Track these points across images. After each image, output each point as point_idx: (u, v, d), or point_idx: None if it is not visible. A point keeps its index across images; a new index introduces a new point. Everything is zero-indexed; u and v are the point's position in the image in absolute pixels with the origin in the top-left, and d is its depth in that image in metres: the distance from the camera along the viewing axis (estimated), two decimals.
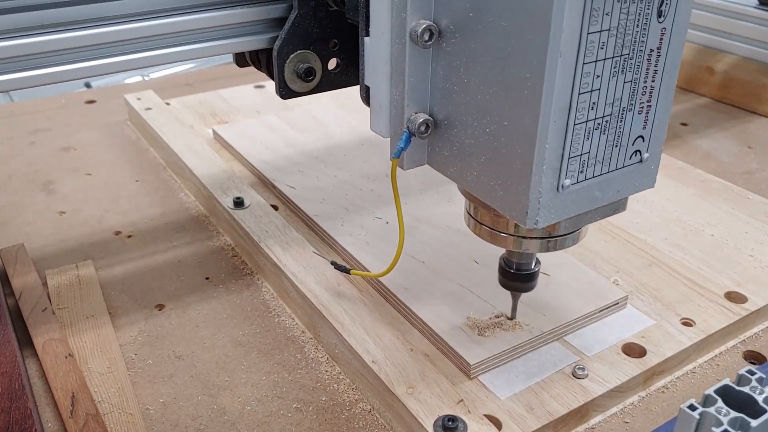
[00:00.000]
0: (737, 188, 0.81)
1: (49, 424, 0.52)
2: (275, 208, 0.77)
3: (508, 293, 0.56)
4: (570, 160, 0.41)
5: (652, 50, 0.41)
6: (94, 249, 0.72)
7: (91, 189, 0.84)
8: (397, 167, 0.47)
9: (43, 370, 0.56)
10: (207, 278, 0.68)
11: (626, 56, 0.40)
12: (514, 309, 0.57)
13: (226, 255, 0.72)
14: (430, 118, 0.46)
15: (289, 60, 0.56)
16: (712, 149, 0.94)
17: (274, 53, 0.56)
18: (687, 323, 0.60)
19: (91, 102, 1.08)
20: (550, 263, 0.64)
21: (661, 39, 0.41)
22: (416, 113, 0.46)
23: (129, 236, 0.75)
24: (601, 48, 0.38)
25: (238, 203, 0.73)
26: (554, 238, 0.49)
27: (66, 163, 0.90)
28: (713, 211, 0.76)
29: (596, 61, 0.39)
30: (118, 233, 0.75)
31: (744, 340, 0.61)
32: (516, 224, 0.48)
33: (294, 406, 0.54)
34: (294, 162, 0.84)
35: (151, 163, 0.90)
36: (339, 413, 0.54)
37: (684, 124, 1.01)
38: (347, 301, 0.59)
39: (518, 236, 0.49)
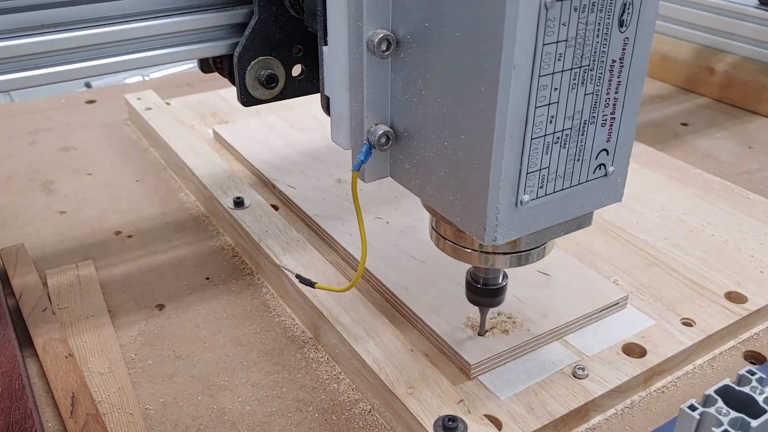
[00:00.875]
0: (737, 188, 0.81)
1: (50, 424, 0.52)
2: (275, 208, 0.77)
3: (507, 293, 0.56)
4: (528, 175, 0.39)
5: (614, 61, 0.39)
6: (94, 249, 0.72)
7: (92, 189, 0.84)
8: (359, 180, 0.46)
9: (43, 370, 0.56)
10: (207, 278, 0.68)
11: (586, 67, 0.38)
12: (482, 325, 0.56)
13: (227, 255, 0.72)
14: (390, 129, 0.45)
15: (250, 66, 0.55)
16: (713, 149, 0.94)
17: (235, 59, 0.55)
18: (687, 323, 0.60)
19: (91, 102, 1.08)
20: (550, 263, 0.64)
21: (623, 49, 0.39)
22: (376, 125, 0.45)
23: (129, 236, 0.75)
24: (559, 59, 0.37)
25: (239, 203, 0.73)
26: (518, 253, 0.47)
27: (66, 162, 0.90)
28: (713, 211, 0.76)
29: (553, 74, 0.37)
30: (118, 233, 0.75)
31: (744, 340, 0.61)
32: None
33: (294, 406, 0.54)
34: (294, 162, 0.84)
35: (151, 163, 0.90)
36: (339, 413, 0.54)
37: (684, 124, 1.01)
38: (347, 302, 0.59)
39: (482, 252, 0.48)
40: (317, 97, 0.57)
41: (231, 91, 1.07)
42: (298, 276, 0.60)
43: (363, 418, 0.53)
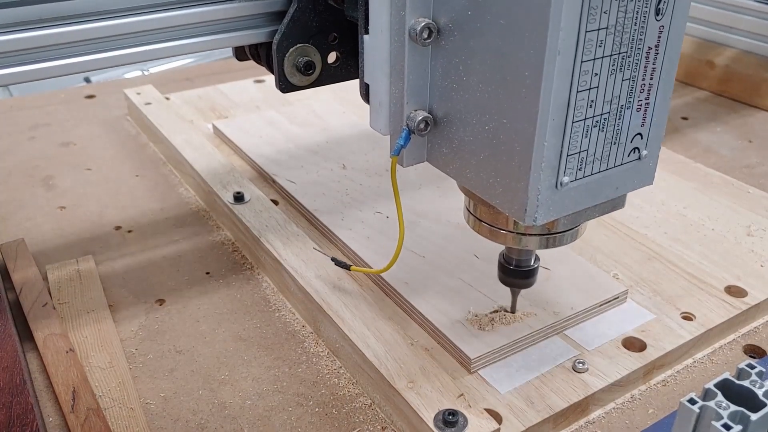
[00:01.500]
0: (737, 182, 0.81)
1: (50, 419, 0.52)
2: (275, 202, 0.77)
3: (508, 288, 0.56)
4: (568, 157, 0.41)
5: (650, 48, 0.41)
6: (94, 244, 0.72)
7: (91, 184, 0.84)
8: (397, 164, 0.47)
9: (44, 365, 0.56)
10: (207, 273, 0.68)
11: (624, 54, 0.40)
12: (513, 304, 0.57)
13: (227, 250, 0.72)
14: (429, 115, 0.46)
15: (288, 54, 0.56)
16: (713, 143, 0.94)
17: (274, 47, 0.56)
18: (687, 317, 0.60)
19: (90, 97, 1.08)
20: (550, 258, 0.64)
21: (659, 37, 0.41)
22: (416, 111, 0.46)
23: (129, 231, 0.75)
24: (599, 46, 0.38)
25: (238, 198, 0.73)
26: (553, 234, 0.49)
27: (66, 158, 0.90)
28: (713, 205, 0.76)
29: (594, 59, 0.39)
30: (118, 228, 0.75)
31: (744, 334, 0.61)
32: (515, 221, 0.48)
33: (295, 400, 0.54)
34: (294, 157, 0.84)
35: (150, 158, 0.90)
36: (339, 407, 0.54)
37: (684, 118, 1.01)
38: (348, 296, 0.59)
39: (517, 233, 0.49)
40: (317, 92, 0.58)
41: (230, 86, 1.07)
42: (333, 259, 0.61)
43: (363, 413, 0.53)
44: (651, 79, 0.42)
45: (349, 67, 0.60)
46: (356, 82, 0.52)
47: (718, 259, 0.67)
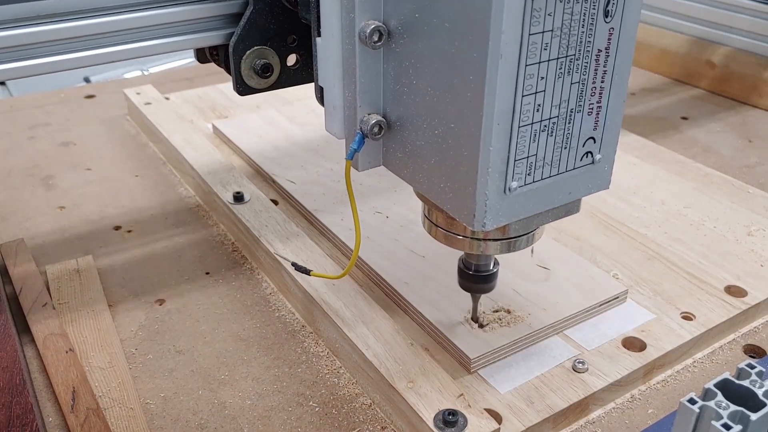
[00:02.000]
0: (737, 182, 0.81)
1: (50, 419, 0.52)
2: (275, 202, 0.77)
3: (507, 287, 0.56)
4: (516, 162, 0.40)
5: (599, 50, 0.40)
6: (93, 243, 0.72)
7: (91, 184, 0.84)
8: (352, 168, 0.47)
9: (43, 365, 0.56)
10: (207, 273, 0.68)
11: (572, 57, 0.39)
12: (474, 310, 0.57)
13: (226, 250, 0.72)
14: (383, 119, 0.46)
15: (245, 56, 0.56)
16: (712, 143, 0.94)
17: (230, 49, 0.56)
18: (687, 317, 0.60)
19: (90, 97, 1.08)
20: (550, 257, 0.64)
21: (609, 39, 0.40)
22: (369, 114, 0.46)
23: (129, 231, 0.75)
24: (545, 49, 0.38)
25: (238, 198, 0.73)
26: (509, 239, 0.48)
27: (65, 157, 0.90)
28: (713, 205, 0.76)
29: (540, 63, 0.38)
30: (117, 228, 0.75)
31: (744, 334, 0.61)
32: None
33: (295, 400, 0.54)
34: (293, 156, 0.84)
35: (150, 157, 0.90)
36: (339, 407, 0.54)
37: (684, 118, 1.01)
38: (347, 296, 0.59)
39: (473, 238, 0.49)
40: None
41: (230, 86, 1.07)
42: (294, 264, 0.60)
43: (363, 413, 0.53)
44: (602, 82, 0.41)
45: (309, 70, 0.59)
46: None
47: (718, 258, 0.67)
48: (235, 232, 0.72)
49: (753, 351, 0.60)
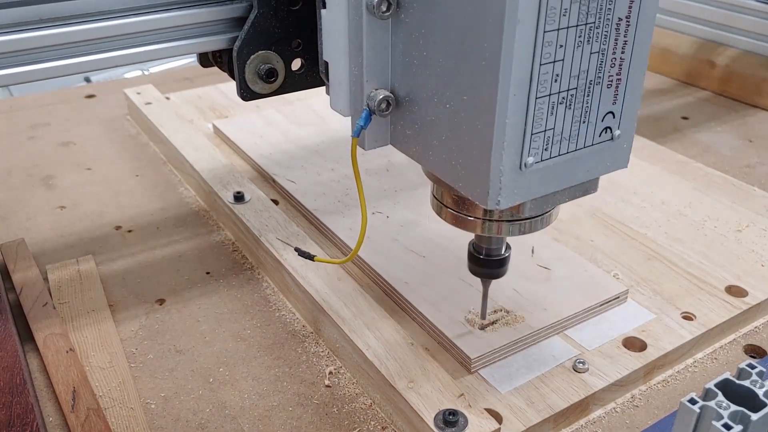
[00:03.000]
0: (738, 182, 0.81)
1: (51, 419, 0.52)
2: (275, 202, 0.77)
3: (507, 287, 0.56)
4: (533, 136, 0.38)
5: (620, 19, 0.38)
6: (94, 244, 0.72)
7: (91, 184, 0.84)
8: (359, 147, 0.45)
9: (44, 365, 0.56)
10: (207, 273, 0.68)
11: (592, 25, 0.37)
12: (484, 297, 0.55)
13: (227, 250, 0.72)
14: (390, 94, 0.44)
15: (249, 61, 0.55)
16: (713, 143, 0.94)
17: (234, 54, 0.55)
18: (687, 317, 0.60)
19: (90, 96, 1.08)
20: (550, 257, 0.64)
21: (630, 7, 0.38)
22: (376, 90, 0.44)
23: (129, 231, 0.75)
24: (564, 15, 0.36)
25: (239, 198, 0.73)
26: (523, 221, 0.46)
27: (66, 157, 0.90)
28: (714, 205, 0.76)
29: (558, 30, 0.36)
30: (118, 228, 0.75)
31: (744, 334, 0.61)
32: (484, 207, 0.45)
33: (295, 400, 0.54)
34: (294, 156, 0.84)
35: (151, 157, 0.90)
36: (340, 407, 0.54)
37: (685, 118, 1.01)
38: (348, 296, 0.59)
39: (485, 219, 0.47)
40: (317, 91, 0.57)
41: (231, 86, 1.07)
42: (297, 249, 0.59)
43: (363, 413, 0.53)
44: (622, 53, 0.39)
45: (314, 74, 0.58)
46: None
47: (719, 258, 0.67)
48: (236, 232, 0.72)
49: (753, 351, 0.60)
